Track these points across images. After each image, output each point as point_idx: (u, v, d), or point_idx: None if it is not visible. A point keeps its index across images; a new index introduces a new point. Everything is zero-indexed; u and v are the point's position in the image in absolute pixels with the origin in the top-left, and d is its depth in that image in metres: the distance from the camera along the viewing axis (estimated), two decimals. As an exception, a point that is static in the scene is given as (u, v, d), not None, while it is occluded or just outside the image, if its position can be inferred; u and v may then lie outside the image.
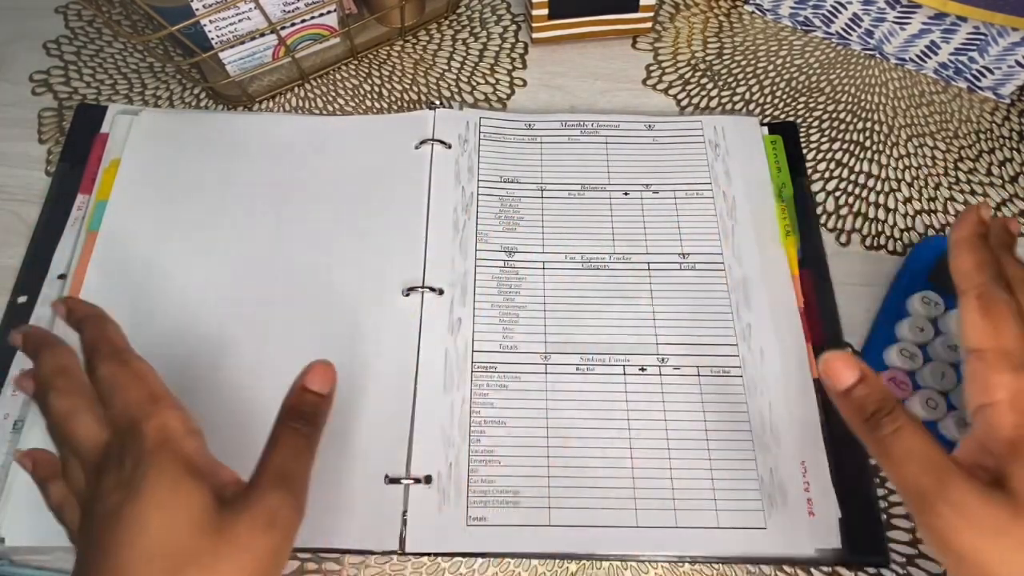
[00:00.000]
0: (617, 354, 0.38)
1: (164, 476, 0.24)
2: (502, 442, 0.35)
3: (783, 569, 0.34)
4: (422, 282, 0.39)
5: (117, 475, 0.25)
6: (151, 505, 0.24)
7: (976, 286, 0.27)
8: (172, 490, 0.24)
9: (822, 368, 0.27)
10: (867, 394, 0.26)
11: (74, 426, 0.27)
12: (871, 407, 0.25)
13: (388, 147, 0.44)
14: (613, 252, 0.41)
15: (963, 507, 0.23)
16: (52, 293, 0.39)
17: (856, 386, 0.26)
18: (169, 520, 0.24)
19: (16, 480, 0.34)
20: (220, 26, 0.41)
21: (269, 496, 0.25)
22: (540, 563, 0.34)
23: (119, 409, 0.27)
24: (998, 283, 0.27)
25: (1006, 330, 0.26)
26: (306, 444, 0.28)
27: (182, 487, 0.24)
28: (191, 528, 0.24)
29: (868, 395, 0.26)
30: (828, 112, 0.47)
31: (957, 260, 0.29)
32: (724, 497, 0.34)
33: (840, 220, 0.43)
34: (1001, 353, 0.25)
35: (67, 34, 0.50)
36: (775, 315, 0.39)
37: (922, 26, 0.45)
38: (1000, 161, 0.45)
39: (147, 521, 0.23)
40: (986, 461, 0.25)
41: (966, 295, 0.28)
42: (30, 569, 0.33)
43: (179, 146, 0.44)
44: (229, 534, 0.24)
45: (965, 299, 0.27)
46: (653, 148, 0.44)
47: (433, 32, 0.50)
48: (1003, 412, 0.24)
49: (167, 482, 0.24)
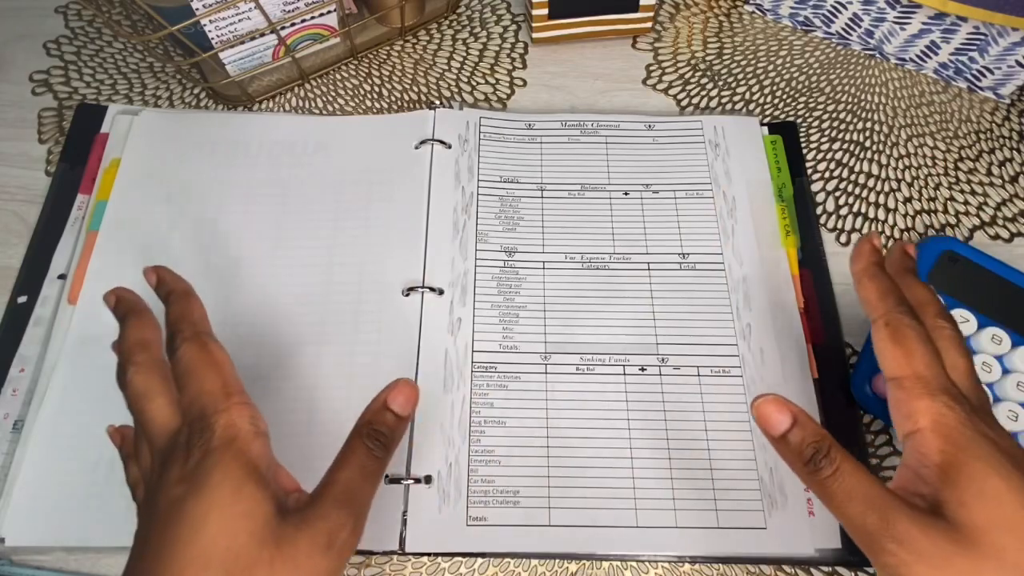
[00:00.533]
0: (617, 354, 0.38)
1: (228, 477, 0.24)
2: (502, 442, 0.35)
3: (783, 569, 0.34)
4: (422, 282, 0.39)
5: (182, 466, 0.24)
6: (213, 505, 0.23)
7: (882, 315, 0.28)
8: (235, 493, 0.24)
9: (754, 415, 0.26)
10: (802, 438, 0.25)
11: (148, 406, 0.27)
12: (808, 451, 0.25)
13: (388, 147, 0.44)
14: (613, 252, 0.41)
15: (910, 542, 0.23)
16: (52, 293, 0.39)
17: (791, 430, 0.25)
18: (230, 524, 0.23)
19: (16, 480, 0.34)
20: (220, 26, 0.41)
21: (333, 515, 0.25)
22: (540, 563, 0.34)
23: (192, 397, 0.26)
24: (902, 309, 0.28)
25: (917, 356, 0.26)
26: (376, 467, 0.27)
27: (245, 491, 0.24)
28: (250, 537, 0.23)
29: (803, 439, 0.25)
30: (828, 112, 0.47)
31: (861, 291, 0.29)
32: (724, 497, 0.34)
33: (840, 220, 0.43)
34: (916, 379, 0.26)
35: (67, 34, 0.50)
36: (775, 315, 0.39)
37: (922, 26, 0.45)
38: (1000, 161, 0.45)
39: (207, 522, 0.23)
40: (922, 488, 0.25)
41: (875, 324, 0.28)
42: (30, 569, 0.33)
43: (179, 146, 0.44)
44: (288, 549, 0.23)
45: (875, 328, 0.28)
46: (653, 148, 0.44)
47: (433, 32, 0.50)
48: (928, 438, 0.25)
49: (231, 484, 0.24)
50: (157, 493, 0.25)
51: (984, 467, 0.23)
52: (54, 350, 0.37)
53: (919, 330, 0.27)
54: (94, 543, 0.33)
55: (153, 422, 0.26)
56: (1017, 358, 0.36)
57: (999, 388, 0.36)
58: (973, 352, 0.37)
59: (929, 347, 0.26)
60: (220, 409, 0.26)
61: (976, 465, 0.23)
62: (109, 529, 0.33)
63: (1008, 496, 0.23)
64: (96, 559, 0.34)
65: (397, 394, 0.28)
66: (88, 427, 0.35)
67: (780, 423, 0.26)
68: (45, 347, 0.37)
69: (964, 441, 0.24)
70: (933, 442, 0.24)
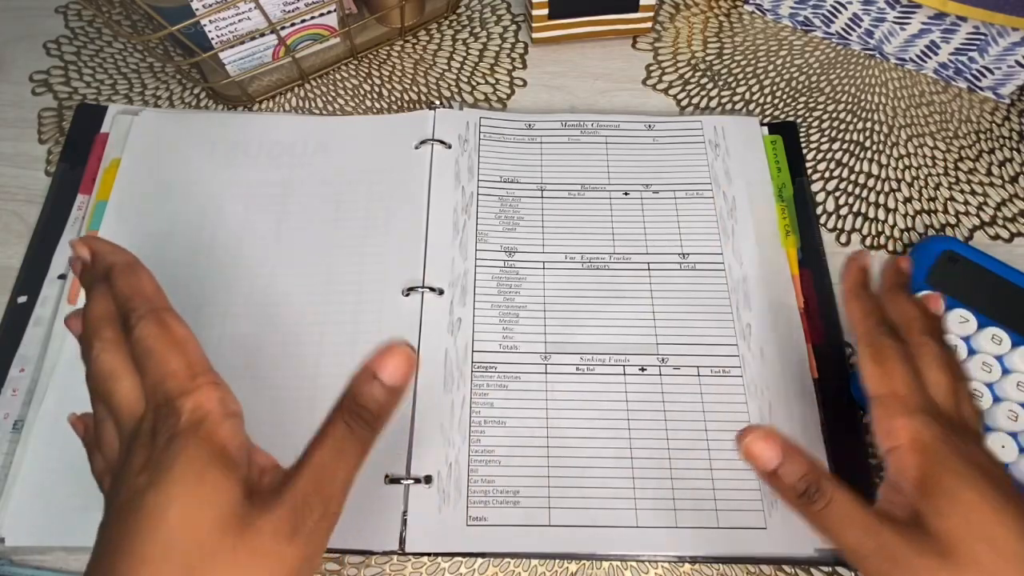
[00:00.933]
0: (617, 354, 0.38)
1: (192, 464, 0.22)
2: (502, 442, 0.35)
3: (783, 569, 0.34)
4: (422, 282, 0.39)
5: (147, 453, 0.23)
6: (175, 495, 0.22)
7: (864, 334, 0.29)
8: (198, 480, 0.22)
9: (741, 451, 0.26)
10: (793, 471, 0.25)
11: (115, 387, 0.25)
12: (800, 486, 0.25)
13: (388, 147, 0.44)
14: (613, 252, 0.41)
15: (903, 562, 0.24)
16: (52, 293, 0.39)
17: (781, 466, 0.26)
18: (192, 513, 0.22)
19: (16, 480, 0.34)
20: (220, 26, 0.41)
21: (300, 500, 0.23)
22: (540, 563, 0.34)
23: (155, 380, 0.24)
24: (882, 329, 0.29)
25: (896, 375, 0.27)
26: (356, 447, 0.25)
27: (208, 477, 0.22)
28: (213, 524, 0.22)
29: (794, 472, 0.25)
30: (828, 112, 0.47)
31: (847, 310, 0.31)
32: (724, 497, 0.34)
33: (840, 220, 0.43)
34: (895, 398, 0.27)
35: (67, 34, 0.50)
36: (775, 315, 0.39)
37: (922, 26, 0.45)
38: (1000, 161, 0.45)
39: (168, 513, 0.22)
40: (902, 500, 0.26)
41: (860, 343, 0.29)
42: (30, 569, 0.33)
43: (179, 146, 0.44)
44: (251, 537, 0.22)
45: (860, 347, 0.29)
46: (653, 148, 0.44)
47: (433, 32, 0.50)
48: (906, 454, 0.26)
49: (194, 471, 0.22)
50: (122, 483, 0.23)
51: (958, 480, 0.24)
52: (54, 350, 0.37)
53: (899, 349, 0.28)
54: (94, 543, 0.33)
55: (120, 404, 0.25)
56: (1017, 358, 0.36)
57: (999, 388, 0.36)
58: (973, 352, 0.37)
59: (908, 366, 0.28)
60: (186, 391, 0.24)
61: (951, 479, 0.25)
62: (109, 529, 0.33)
63: (982, 507, 0.24)
64: (96, 559, 0.34)
65: (386, 361, 0.25)
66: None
67: (769, 460, 0.26)
68: (45, 347, 0.37)
69: (940, 457, 0.25)
70: (911, 458, 0.25)
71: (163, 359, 0.25)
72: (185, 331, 0.26)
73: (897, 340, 0.28)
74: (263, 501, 0.23)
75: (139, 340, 0.25)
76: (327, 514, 0.24)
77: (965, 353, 0.37)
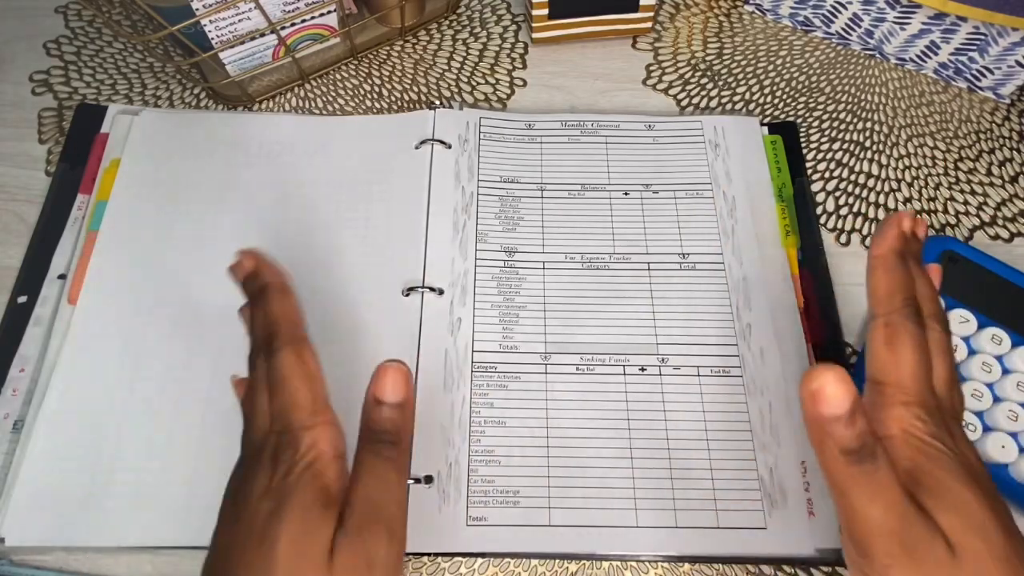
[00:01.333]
0: (617, 354, 0.38)
1: (302, 505, 0.24)
2: (502, 442, 0.35)
3: (783, 569, 0.34)
4: (422, 282, 0.39)
5: (268, 476, 0.25)
6: (284, 533, 0.23)
7: (885, 314, 0.26)
8: (304, 520, 0.24)
9: (811, 388, 0.23)
10: (856, 424, 0.23)
11: (299, 386, 0.26)
12: (855, 443, 0.23)
13: (388, 147, 0.44)
14: (613, 252, 0.41)
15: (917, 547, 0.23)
16: (52, 293, 0.39)
17: (846, 415, 0.23)
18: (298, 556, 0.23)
19: (16, 480, 0.34)
20: (220, 26, 0.41)
21: (365, 537, 0.24)
22: (540, 563, 0.34)
23: (283, 407, 0.26)
24: (907, 311, 0.26)
25: (905, 364, 0.25)
26: (392, 468, 0.26)
27: (312, 517, 0.24)
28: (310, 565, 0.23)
29: (857, 425, 0.23)
30: (828, 112, 0.47)
31: (871, 280, 0.28)
32: (724, 497, 0.34)
33: (840, 220, 0.43)
34: (897, 387, 0.25)
35: (67, 34, 0.50)
36: (775, 315, 0.39)
37: (922, 26, 0.45)
38: (1000, 161, 0.45)
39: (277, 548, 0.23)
40: None
41: (875, 321, 0.27)
42: (30, 569, 0.33)
43: (179, 146, 0.44)
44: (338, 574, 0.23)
45: (874, 325, 0.27)
46: (653, 148, 0.44)
47: (433, 32, 0.50)
48: (898, 446, 0.25)
49: (302, 511, 0.24)
50: (242, 500, 0.25)
51: (948, 477, 0.24)
52: (54, 350, 0.37)
53: (917, 336, 0.26)
54: (94, 543, 0.33)
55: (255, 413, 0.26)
56: (1017, 358, 0.36)
57: (999, 388, 0.36)
58: (973, 352, 0.37)
59: (921, 357, 0.26)
60: (306, 426, 0.25)
61: (940, 475, 0.24)
62: (109, 529, 0.33)
63: (974, 503, 0.23)
64: (96, 559, 0.34)
65: (383, 383, 0.27)
66: (88, 427, 0.35)
67: (839, 405, 0.23)
68: (45, 347, 0.37)
69: (931, 453, 0.24)
70: (902, 450, 0.25)
71: (294, 388, 0.26)
72: (316, 366, 0.27)
73: (918, 325, 0.26)
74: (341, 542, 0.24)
75: (276, 366, 0.26)
76: (394, 539, 0.25)
77: (965, 353, 0.37)
